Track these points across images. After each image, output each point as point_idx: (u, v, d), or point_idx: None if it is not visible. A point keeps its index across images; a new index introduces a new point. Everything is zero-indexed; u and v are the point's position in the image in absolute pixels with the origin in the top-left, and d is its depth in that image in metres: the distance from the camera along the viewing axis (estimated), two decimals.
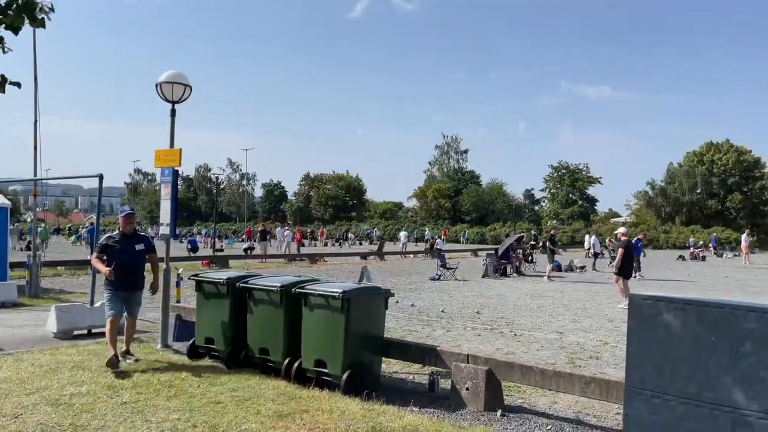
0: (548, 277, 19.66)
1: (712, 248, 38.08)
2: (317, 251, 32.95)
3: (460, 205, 74.23)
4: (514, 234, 34.42)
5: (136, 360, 6.88)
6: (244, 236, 46.43)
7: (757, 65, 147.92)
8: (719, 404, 3.11)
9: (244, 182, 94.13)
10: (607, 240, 31.73)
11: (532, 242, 39.28)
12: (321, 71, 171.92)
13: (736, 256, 39.74)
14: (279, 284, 6.39)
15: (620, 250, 13.62)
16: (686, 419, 3.19)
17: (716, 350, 3.15)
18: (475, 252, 35.08)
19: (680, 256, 36.17)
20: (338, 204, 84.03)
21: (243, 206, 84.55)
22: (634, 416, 3.34)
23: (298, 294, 6.18)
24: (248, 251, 30.05)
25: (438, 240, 31.16)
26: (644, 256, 20.38)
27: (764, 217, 62.36)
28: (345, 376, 5.77)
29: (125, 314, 6.99)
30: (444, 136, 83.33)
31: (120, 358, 6.60)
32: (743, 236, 33.31)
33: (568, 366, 7.13)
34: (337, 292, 5.85)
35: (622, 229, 15.56)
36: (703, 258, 34.79)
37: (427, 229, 55.87)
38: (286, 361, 6.27)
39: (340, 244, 49.13)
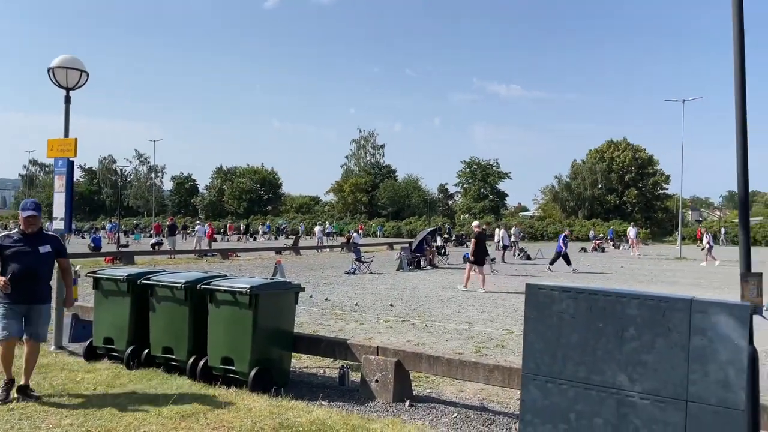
0: (491, 270, 19.73)
1: (610, 240, 40.48)
2: (230, 246, 32.12)
3: (376, 200, 74.77)
4: (428, 227, 35.10)
5: (38, 398, 5.27)
6: (152, 231, 44.50)
7: (651, 70, 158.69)
8: (606, 386, 3.30)
9: (153, 175, 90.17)
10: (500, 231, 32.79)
11: (446, 235, 40.30)
12: (234, 62, 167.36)
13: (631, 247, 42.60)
14: (183, 280, 6.17)
15: (473, 240, 15.31)
16: (577, 402, 3.36)
17: (604, 336, 3.33)
18: (390, 245, 35.46)
19: (582, 248, 38.25)
20: (253, 198, 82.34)
21: (151, 200, 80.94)
22: (529, 401, 3.48)
23: (203, 290, 5.99)
24: (156, 247, 28.85)
25: (354, 234, 31.19)
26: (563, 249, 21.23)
27: (656, 211, 67.12)
28: (253, 373, 5.65)
29: (24, 335, 5.42)
30: (360, 131, 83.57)
31: (12, 395, 5.26)
32: (630, 229, 36.05)
33: (474, 355, 7.36)
34: (244, 288, 5.71)
35: (476, 223, 17.28)
36: (603, 249, 36.94)
37: (328, 223, 55.39)
38: (191, 359, 6.07)
39: (254, 239, 48.14)
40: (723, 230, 50.82)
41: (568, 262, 21.52)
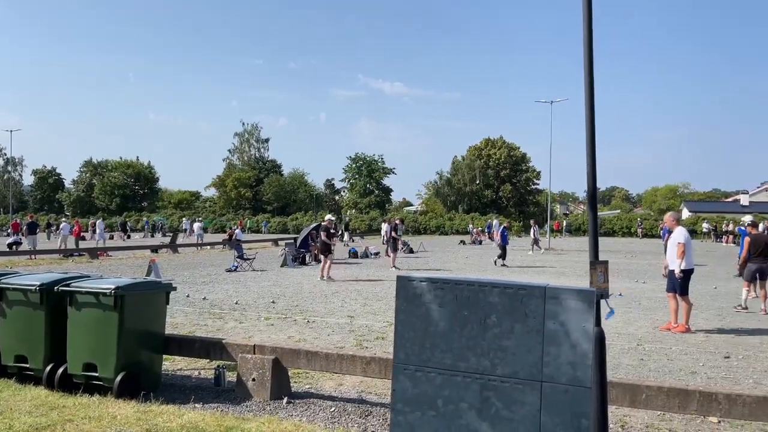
0: (394, 266, 19.55)
1: (486, 234, 42.46)
2: (100, 245, 30.02)
3: (261, 195, 73.23)
4: (314, 222, 34.93)
5: None
6: (9, 230, 40.51)
7: (525, 71, 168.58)
8: (470, 372, 3.45)
9: (10, 168, 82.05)
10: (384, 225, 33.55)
11: (332, 231, 40.30)
12: (103, 47, 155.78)
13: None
14: (39, 283, 5.67)
15: (322, 233, 17.05)
16: (443, 388, 3.49)
17: (468, 324, 3.48)
18: (275, 242, 34.90)
19: (461, 241, 39.94)
20: (126, 193, 77.51)
21: (8, 195, 73.63)
22: (400, 390, 3.56)
23: (62, 293, 5.54)
24: (14, 246, 26.31)
25: (236, 230, 30.30)
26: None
27: (529, 206, 71.54)
28: (119, 378, 5.33)
29: None
30: (244, 124, 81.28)
31: None
32: (494, 221, 39.13)
33: (354, 348, 7.43)
34: (108, 289, 5.36)
35: (328, 216, 18.68)
36: (480, 242, 38.76)
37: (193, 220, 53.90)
38: (49, 367, 5.60)
39: (128, 236, 45.35)
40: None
41: (503, 257, 21.42)
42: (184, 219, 39.49)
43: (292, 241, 24.08)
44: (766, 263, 10.79)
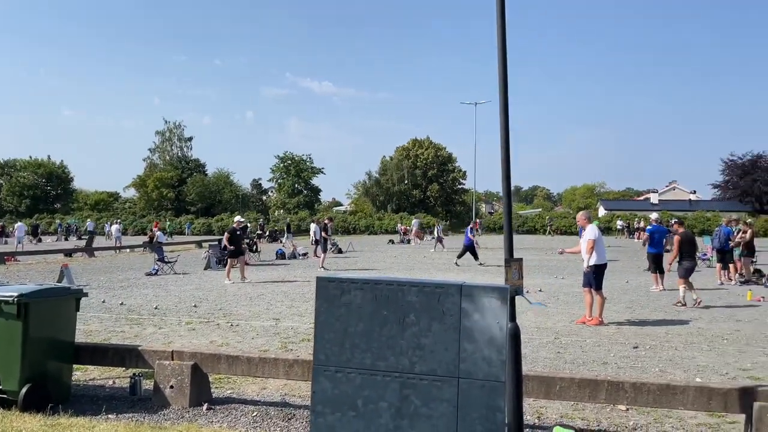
0: (323, 267, 19.27)
1: (441, 234, 42.98)
2: (7, 249, 28.18)
3: (184, 195, 70.96)
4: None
5: None
6: None
7: (449, 73, 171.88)
8: (390, 371, 3.48)
9: None
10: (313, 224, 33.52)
11: (258, 231, 39.65)
12: (9, 38, 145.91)
13: (434, 238, 45.85)
14: None
15: (226, 234, 16.92)
16: (363, 388, 3.50)
17: (387, 323, 3.51)
18: (199, 243, 33.92)
19: (390, 240, 40.27)
20: (37, 194, 73.13)
21: None
22: (320, 392, 3.54)
23: None
24: None
25: (158, 232, 29.20)
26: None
27: (455, 205, 73.07)
28: (24, 391, 5.01)
29: None
30: (166, 122, 78.46)
31: None
32: (414, 221, 40.05)
33: (277, 351, 7.34)
34: (10, 296, 5.03)
35: (237, 218, 18.36)
36: (408, 241, 39.20)
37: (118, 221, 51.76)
38: None
39: (39, 240, 42.80)
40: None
41: (475, 256, 21.01)
42: (115, 224, 37.48)
43: (217, 242, 23.48)
44: (695, 261, 11.45)
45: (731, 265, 15.80)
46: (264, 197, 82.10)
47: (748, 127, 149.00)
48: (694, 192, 73.27)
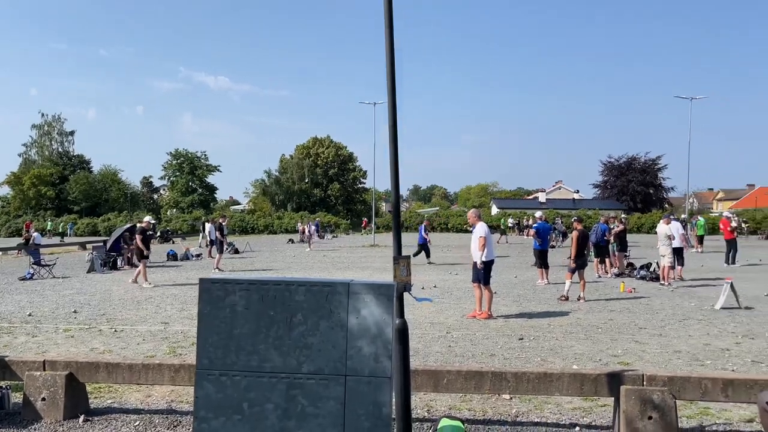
0: (217, 268, 18.55)
1: (315, 232, 42.81)
2: None
3: (66, 194, 66.14)
4: (128, 224, 32.40)
5: None
6: None
7: (349, 71, 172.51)
8: (276, 372, 3.43)
9: None
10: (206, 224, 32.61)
11: (149, 232, 37.72)
12: None
13: (334, 237, 45.89)
14: None
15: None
16: (249, 391, 3.42)
17: (274, 324, 3.45)
18: (83, 245, 31.75)
19: (290, 240, 39.79)
20: None
21: None
22: (203, 397, 3.43)
23: None
24: None
25: (35, 233, 27.01)
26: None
27: (356, 204, 73.52)
28: None
29: None
30: (44, 115, 72.67)
31: None
32: (310, 223, 40.25)
33: (166, 356, 7.03)
34: None
35: (147, 218, 17.49)
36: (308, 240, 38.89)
37: None
38: None
39: None
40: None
41: (428, 254, 21.27)
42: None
43: (102, 243, 22.12)
44: (586, 257, 12.31)
45: (607, 260, 17.07)
46: (155, 196, 78.32)
47: (625, 131, 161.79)
48: (578, 191, 78.38)
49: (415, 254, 20.88)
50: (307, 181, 69.30)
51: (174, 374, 5.04)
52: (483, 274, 9.92)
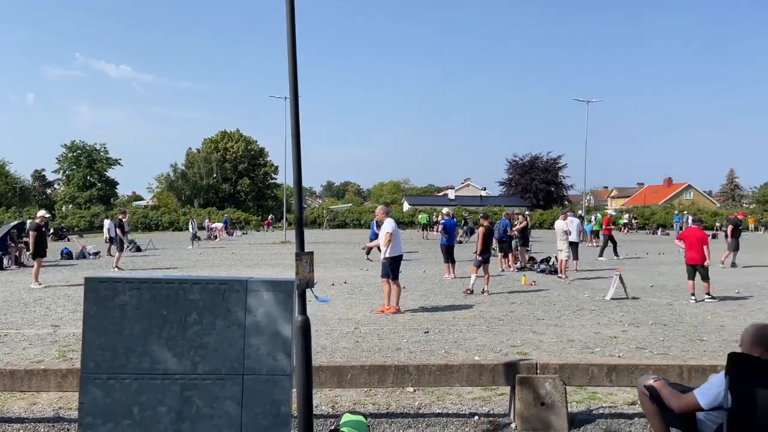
0: (117, 267, 17.55)
1: (223, 228, 41.66)
2: None
3: None
4: (16, 220, 30.07)
5: None
6: None
7: (260, 65, 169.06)
8: (170, 374, 3.30)
9: None
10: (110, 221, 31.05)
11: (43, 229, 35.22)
12: None
13: (244, 234, 44.91)
14: None
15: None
16: (141, 394, 3.27)
17: (167, 324, 3.32)
18: None
19: (196, 236, 38.44)
20: None
21: None
22: (89, 403, 3.24)
23: None
24: None
25: None
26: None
27: (267, 200, 72.24)
28: None
29: None
30: None
31: None
32: (207, 222, 39.62)
33: (54, 361, 6.60)
34: None
35: (41, 213, 16.30)
36: (215, 237, 37.81)
37: None
38: None
39: None
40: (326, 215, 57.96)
41: (379, 249, 20.67)
42: None
43: None
44: (490, 253, 12.86)
45: (510, 254, 17.80)
46: (49, 190, 73.23)
47: (530, 131, 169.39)
48: (485, 189, 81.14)
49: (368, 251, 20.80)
50: (215, 176, 67.26)
51: (61, 380, 4.73)
52: (390, 269, 10.05)
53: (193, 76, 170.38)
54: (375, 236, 21.36)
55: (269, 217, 57.06)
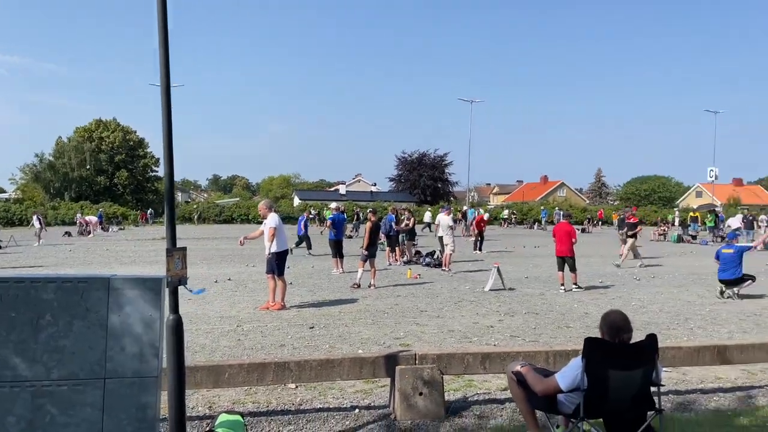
0: None
1: (98, 223, 38.95)
2: None
3: None
4: None
5: None
6: None
7: (134, 51, 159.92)
8: (20, 380, 3.03)
9: None
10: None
11: None
12: None
13: (121, 229, 42.32)
14: None
15: None
16: None
17: (17, 326, 3.04)
18: None
19: (66, 233, 35.73)
20: None
21: None
22: None
23: None
24: None
25: None
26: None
27: (147, 193, 68.50)
28: None
29: None
30: None
31: None
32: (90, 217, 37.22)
33: None
34: None
35: None
36: (89, 233, 35.32)
37: None
38: None
39: None
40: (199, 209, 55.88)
41: (309, 246, 20.99)
42: None
43: None
44: (377, 247, 13.03)
45: (397, 248, 18.16)
46: None
47: (420, 128, 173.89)
48: (375, 184, 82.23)
49: (296, 244, 21.09)
50: (88, 167, 62.69)
51: None
52: (276, 265, 9.88)
53: (61, 60, 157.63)
54: (303, 232, 21.26)
55: (148, 211, 54.20)
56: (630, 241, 18.33)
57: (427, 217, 35.45)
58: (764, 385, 5.98)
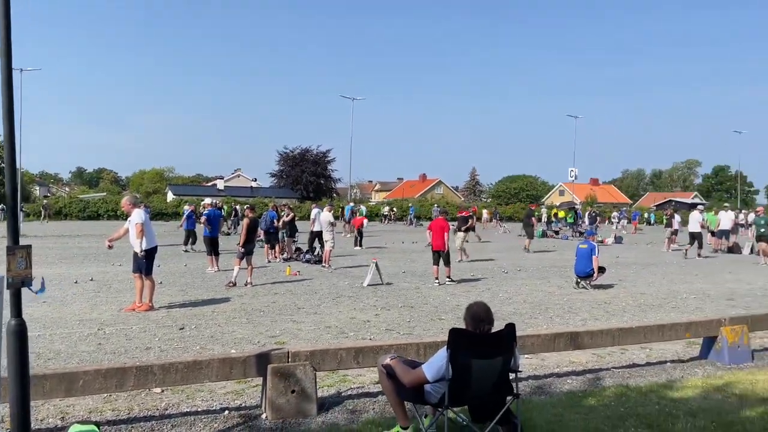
0: None
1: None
2: None
3: None
4: None
5: None
6: None
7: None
8: None
9: None
10: None
11: None
12: None
13: None
14: None
15: None
16: None
17: None
18: None
19: None
20: None
21: None
22: None
23: None
24: None
25: None
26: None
27: None
28: None
29: None
30: None
31: None
32: None
33: None
34: None
35: None
36: None
37: None
38: None
39: None
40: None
41: (193, 241, 20.64)
42: None
43: None
44: (254, 244, 12.68)
45: (277, 245, 17.87)
46: None
47: (301, 124, 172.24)
48: (255, 180, 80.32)
49: (185, 242, 20.55)
50: None
51: None
52: (144, 264, 9.33)
53: None
54: (191, 227, 20.35)
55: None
56: (461, 235, 18.25)
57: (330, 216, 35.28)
58: (611, 367, 6.58)
